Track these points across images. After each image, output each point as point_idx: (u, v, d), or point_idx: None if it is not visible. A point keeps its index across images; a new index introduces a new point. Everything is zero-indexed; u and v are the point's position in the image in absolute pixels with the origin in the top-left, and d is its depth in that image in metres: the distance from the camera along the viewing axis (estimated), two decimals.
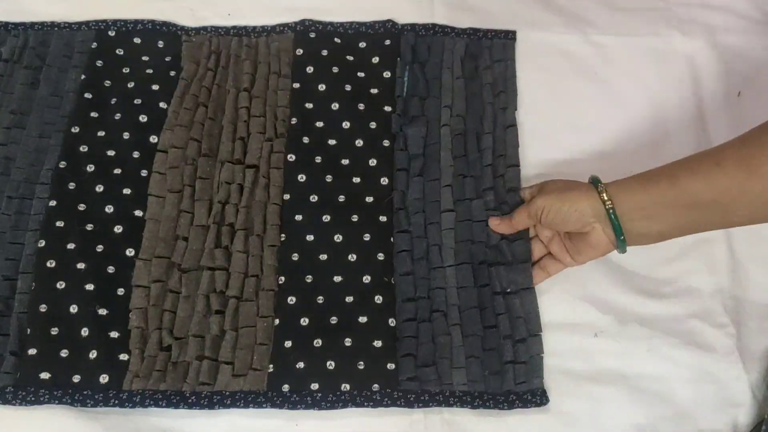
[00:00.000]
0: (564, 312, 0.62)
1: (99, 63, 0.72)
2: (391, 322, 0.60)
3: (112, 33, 0.74)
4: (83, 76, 0.71)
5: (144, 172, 0.66)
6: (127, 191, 0.65)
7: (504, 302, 0.61)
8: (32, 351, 0.57)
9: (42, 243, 0.62)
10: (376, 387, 0.58)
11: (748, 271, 0.64)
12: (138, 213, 0.64)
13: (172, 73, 0.72)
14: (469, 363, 0.59)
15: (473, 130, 0.69)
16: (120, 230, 0.63)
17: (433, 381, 0.58)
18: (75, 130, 0.68)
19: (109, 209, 0.64)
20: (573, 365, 0.60)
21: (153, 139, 0.68)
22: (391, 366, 0.58)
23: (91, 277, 0.61)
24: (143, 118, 0.69)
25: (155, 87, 0.71)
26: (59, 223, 0.63)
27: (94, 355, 0.58)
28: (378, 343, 0.59)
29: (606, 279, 0.64)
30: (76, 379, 0.57)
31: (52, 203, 0.63)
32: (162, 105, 0.70)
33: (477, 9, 0.77)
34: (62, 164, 0.65)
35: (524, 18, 0.76)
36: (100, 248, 0.62)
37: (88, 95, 0.70)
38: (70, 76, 0.71)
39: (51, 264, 0.61)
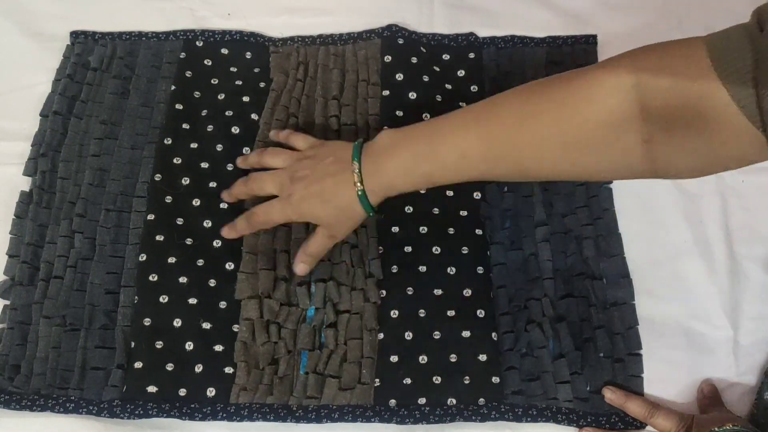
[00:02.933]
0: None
1: (188, 74, 0.72)
2: (494, 336, 0.60)
3: (199, 43, 0.74)
4: (173, 87, 0.71)
5: None
6: (224, 205, 0.65)
7: (603, 316, 0.61)
8: (138, 364, 0.58)
9: (143, 257, 0.62)
10: (482, 401, 0.58)
11: (747, 271, 0.64)
12: None
13: (262, 84, 0.72)
14: (573, 379, 0.58)
15: None
16: (219, 244, 0.63)
17: (539, 396, 0.58)
18: (168, 141, 0.68)
19: (207, 224, 0.64)
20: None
21: (246, 150, 0.68)
22: (496, 380, 0.58)
23: (193, 291, 0.61)
24: (235, 130, 0.68)
25: (246, 98, 0.71)
26: (159, 237, 0.63)
27: (200, 368, 0.58)
28: (483, 357, 0.59)
29: None
30: (183, 392, 0.57)
31: (150, 217, 0.64)
32: (254, 116, 0.69)
33: (478, 9, 0.76)
34: (157, 177, 0.66)
35: (525, 18, 0.76)
36: (200, 262, 0.62)
37: (179, 106, 0.70)
38: (160, 87, 0.71)
39: (153, 278, 0.61)
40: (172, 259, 0.62)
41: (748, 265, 0.64)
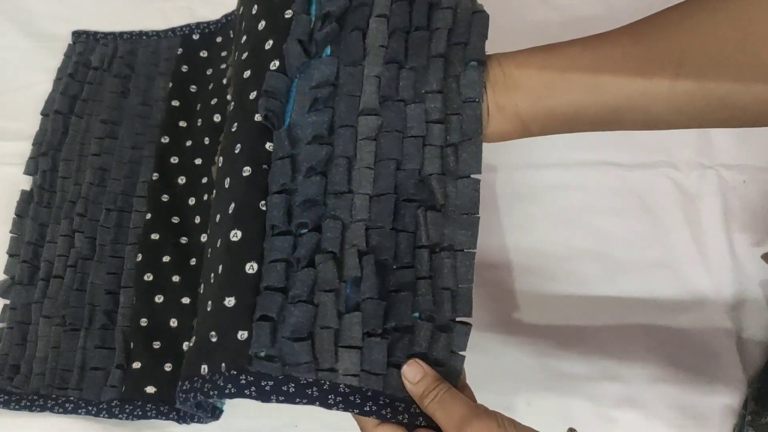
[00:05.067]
0: (561, 311, 0.62)
1: (184, 68, 0.71)
2: (251, 267, 0.40)
3: (196, 36, 0.73)
4: (170, 84, 0.70)
5: None
6: (205, 197, 0.64)
7: (429, 262, 0.42)
8: (137, 365, 0.58)
9: (140, 257, 0.62)
10: (223, 366, 0.39)
11: (749, 270, 0.64)
12: None
13: None
14: (368, 343, 0.40)
15: None
16: (206, 239, 0.62)
17: (304, 365, 0.39)
18: (165, 140, 0.67)
19: (197, 220, 0.63)
20: (571, 366, 0.60)
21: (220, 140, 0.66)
22: (242, 335, 0.39)
23: (186, 291, 0.61)
24: (217, 118, 0.67)
25: (225, 82, 0.68)
26: (154, 236, 0.63)
27: None
28: (230, 301, 0.40)
29: (604, 278, 0.63)
30: None
31: (148, 216, 0.64)
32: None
33: None
34: (155, 176, 0.65)
35: (525, 18, 0.75)
36: (193, 261, 0.62)
37: (175, 103, 0.69)
38: (158, 84, 0.71)
39: (148, 277, 0.61)
40: (166, 258, 0.62)
41: (748, 265, 0.64)
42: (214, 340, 0.40)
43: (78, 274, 0.62)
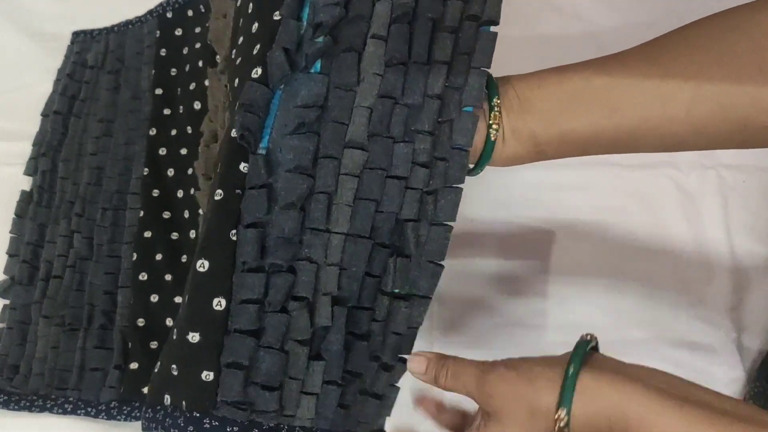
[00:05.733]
0: (563, 312, 0.62)
1: (162, 52, 0.69)
2: (218, 303, 0.37)
3: (170, 14, 0.71)
4: (153, 71, 0.68)
5: None
6: (192, 191, 0.63)
7: (388, 307, 0.41)
8: (134, 365, 0.58)
9: (135, 256, 0.61)
10: (184, 404, 0.38)
11: (749, 271, 0.64)
12: (202, 212, 0.62)
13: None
14: (325, 390, 0.39)
15: (428, 15, 0.41)
16: (194, 235, 0.62)
17: (272, 413, 0.38)
18: (153, 132, 0.66)
19: (186, 214, 0.62)
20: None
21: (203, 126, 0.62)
22: (208, 376, 0.37)
23: (178, 289, 0.60)
24: (197, 106, 0.65)
25: (200, 64, 0.65)
26: (147, 234, 0.61)
27: None
28: (194, 337, 0.38)
29: (605, 279, 0.63)
30: None
31: (141, 213, 0.63)
32: (206, 83, 0.63)
33: None
34: (145, 171, 0.64)
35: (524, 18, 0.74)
36: (184, 258, 0.61)
37: (158, 91, 0.67)
38: (144, 74, 0.69)
39: (143, 277, 0.60)
40: (159, 256, 0.61)
41: (748, 265, 0.64)
42: (175, 373, 0.38)
43: (77, 274, 0.62)
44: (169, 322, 0.59)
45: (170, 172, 0.64)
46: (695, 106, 0.39)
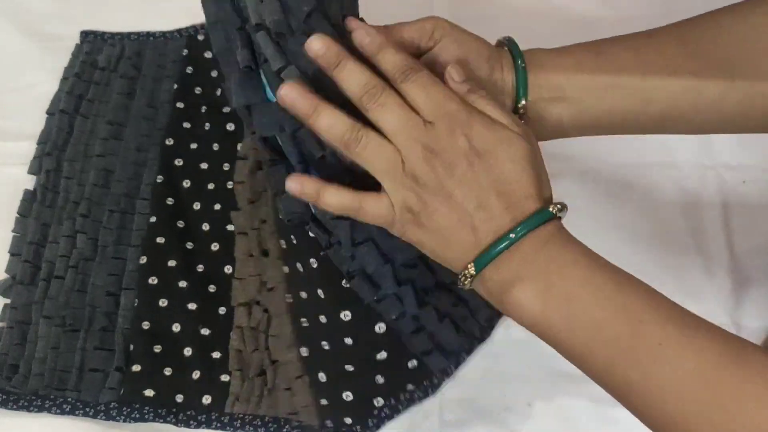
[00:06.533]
0: None
1: (189, 69, 0.71)
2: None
3: (201, 37, 0.73)
4: (175, 86, 0.70)
5: (230, 184, 0.65)
6: (217, 206, 0.64)
7: None
8: (136, 367, 0.58)
9: (144, 259, 0.62)
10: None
11: (748, 272, 0.63)
12: (230, 228, 0.64)
13: None
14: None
15: None
16: (217, 248, 0.63)
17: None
18: (169, 142, 0.67)
19: (205, 227, 0.63)
20: (571, 366, 0.60)
21: (239, 147, 0.66)
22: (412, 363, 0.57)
23: (193, 296, 0.60)
24: (230, 127, 0.67)
25: None
26: (160, 240, 0.62)
27: (197, 375, 0.58)
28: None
29: None
30: (180, 398, 0.57)
31: (153, 219, 0.63)
32: None
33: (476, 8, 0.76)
34: (159, 179, 0.65)
35: (525, 18, 0.75)
36: (200, 267, 0.62)
37: (180, 105, 0.69)
38: (164, 87, 0.71)
39: (153, 281, 0.61)
40: (172, 263, 0.62)
41: (748, 265, 0.64)
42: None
43: (79, 275, 0.62)
44: (175, 327, 0.59)
45: (186, 183, 0.65)
46: (729, 93, 0.39)
